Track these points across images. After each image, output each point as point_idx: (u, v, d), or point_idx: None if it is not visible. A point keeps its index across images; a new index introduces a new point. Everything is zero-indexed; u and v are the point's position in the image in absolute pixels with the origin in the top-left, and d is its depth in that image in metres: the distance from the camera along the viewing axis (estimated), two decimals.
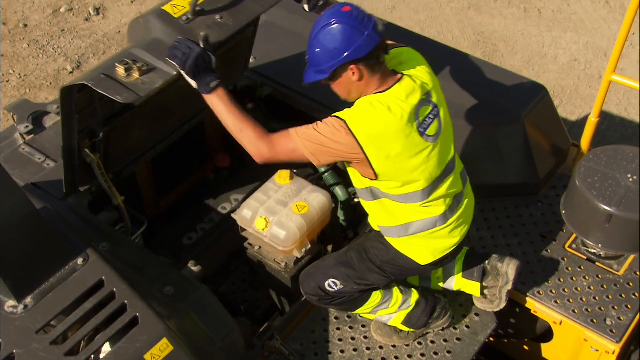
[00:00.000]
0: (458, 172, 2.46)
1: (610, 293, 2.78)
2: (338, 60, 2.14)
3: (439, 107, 2.29)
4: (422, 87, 2.24)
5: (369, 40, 2.11)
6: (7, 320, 2.12)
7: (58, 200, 2.65)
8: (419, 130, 2.20)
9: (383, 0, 6.06)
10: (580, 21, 5.76)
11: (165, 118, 2.97)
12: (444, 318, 2.67)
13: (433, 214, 2.37)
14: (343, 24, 2.12)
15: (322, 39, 2.15)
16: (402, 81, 2.22)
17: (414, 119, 2.19)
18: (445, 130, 2.32)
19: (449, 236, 2.44)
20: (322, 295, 2.54)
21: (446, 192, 2.37)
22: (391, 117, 2.15)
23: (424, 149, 2.24)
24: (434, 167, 2.28)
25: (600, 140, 4.48)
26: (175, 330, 2.18)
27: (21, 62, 5.52)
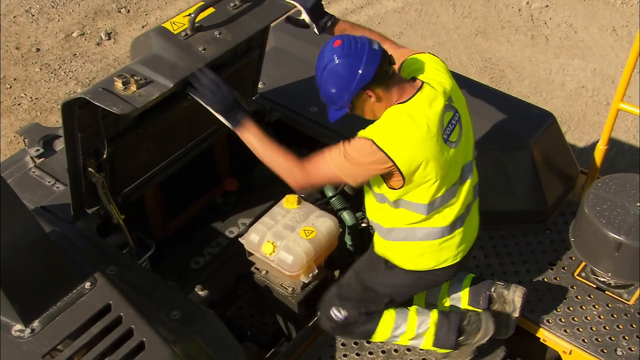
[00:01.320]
0: (475, 180, 2.44)
1: (620, 322, 2.75)
2: (350, 93, 2.17)
3: (459, 113, 2.29)
4: (444, 92, 2.25)
5: (370, 64, 2.14)
6: (14, 344, 2.12)
7: (67, 224, 2.67)
8: (443, 137, 2.21)
9: (391, 26, 6.13)
10: (587, 48, 5.79)
11: (172, 140, 3.00)
12: (479, 333, 2.56)
13: (442, 222, 2.35)
14: (341, 59, 2.15)
15: (329, 80, 2.19)
16: (423, 89, 2.22)
17: (439, 126, 2.19)
18: (465, 135, 2.33)
19: (454, 249, 2.41)
20: (334, 326, 2.57)
21: (460, 199, 2.35)
22: (415, 126, 2.16)
23: (447, 154, 2.23)
24: (453, 172, 2.29)
25: (609, 167, 4.47)
26: (181, 355, 2.17)
27: (33, 85, 5.60)
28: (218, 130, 3.22)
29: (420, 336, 2.60)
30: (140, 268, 2.60)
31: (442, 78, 2.29)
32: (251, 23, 2.49)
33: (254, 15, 2.51)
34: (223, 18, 2.45)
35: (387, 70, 2.18)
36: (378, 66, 2.14)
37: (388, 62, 2.19)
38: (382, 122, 2.19)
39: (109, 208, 2.71)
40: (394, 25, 6.14)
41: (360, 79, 2.14)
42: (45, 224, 2.46)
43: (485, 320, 2.55)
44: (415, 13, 6.30)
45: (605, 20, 6.09)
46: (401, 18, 6.24)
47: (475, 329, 2.56)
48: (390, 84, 2.20)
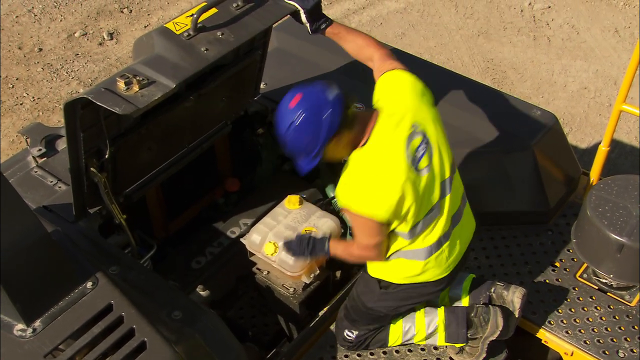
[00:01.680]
0: (457, 191, 2.42)
1: (622, 324, 2.74)
2: (320, 144, 2.18)
3: (427, 135, 2.27)
4: (407, 118, 2.23)
5: (334, 113, 2.15)
6: (16, 343, 2.12)
7: (69, 223, 2.67)
8: (413, 167, 2.21)
9: (392, 27, 6.13)
10: (589, 49, 5.79)
11: (174, 141, 3.00)
12: (487, 327, 2.57)
13: (429, 242, 2.36)
14: (304, 114, 2.14)
15: (297, 137, 2.19)
16: (382, 122, 2.22)
17: (407, 159, 2.20)
18: (438, 155, 2.30)
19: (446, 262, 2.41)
20: (350, 344, 2.66)
21: (442, 215, 2.35)
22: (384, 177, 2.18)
23: (420, 184, 2.24)
24: (430, 196, 2.29)
25: (611, 169, 4.46)
26: (182, 356, 2.17)
27: (35, 85, 5.61)
28: (220, 130, 3.22)
29: (432, 335, 2.64)
30: (142, 268, 2.60)
31: (408, 99, 2.29)
32: (254, 24, 2.49)
33: (256, 16, 2.51)
34: (225, 19, 2.45)
35: (351, 114, 2.20)
36: (341, 113, 2.16)
37: (350, 107, 2.21)
38: (356, 187, 2.21)
39: (111, 208, 2.71)
40: (396, 26, 6.14)
41: (329, 130, 2.15)
42: (47, 224, 2.46)
43: (494, 313, 2.56)
44: (417, 14, 6.30)
45: (607, 22, 6.08)
46: (403, 19, 6.24)
47: (483, 321, 2.57)
48: (353, 124, 2.21)
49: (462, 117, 3.19)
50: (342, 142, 2.23)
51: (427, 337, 2.65)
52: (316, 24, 2.55)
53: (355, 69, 3.46)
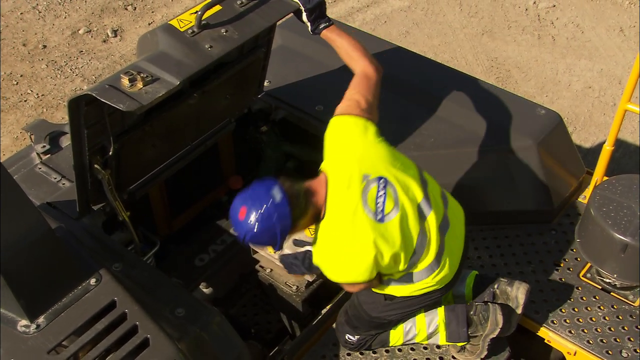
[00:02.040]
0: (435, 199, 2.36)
1: (625, 324, 2.74)
2: (279, 240, 2.18)
3: (382, 176, 2.21)
4: (353, 175, 2.20)
5: (283, 217, 2.12)
6: (20, 339, 2.12)
7: (72, 220, 2.67)
8: (378, 219, 2.18)
9: (397, 25, 6.12)
10: (594, 48, 5.77)
11: (178, 138, 3.00)
12: (487, 325, 2.56)
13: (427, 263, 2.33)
14: (256, 224, 2.12)
15: (256, 242, 2.25)
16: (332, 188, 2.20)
17: (369, 216, 2.17)
18: (403, 189, 2.24)
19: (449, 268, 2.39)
20: (352, 346, 2.67)
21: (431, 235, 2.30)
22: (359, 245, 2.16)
23: (393, 230, 2.20)
24: (409, 231, 2.25)
25: (615, 168, 4.45)
26: (185, 353, 2.17)
27: (39, 82, 5.62)
28: (223, 128, 3.22)
29: (433, 335, 2.64)
30: (145, 265, 2.60)
31: (351, 152, 2.24)
32: (258, 21, 2.49)
33: (260, 13, 2.51)
34: (230, 16, 2.45)
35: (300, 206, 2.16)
36: (290, 213, 2.13)
37: (296, 199, 2.15)
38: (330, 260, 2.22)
39: (115, 205, 2.71)
40: (400, 24, 6.13)
41: (283, 229, 2.15)
42: (51, 220, 2.47)
43: (493, 311, 2.56)
44: (421, 12, 6.29)
45: (612, 21, 6.06)
46: (407, 17, 6.23)
47: (483, 319, 2.57)
48: (307, 207, 2.19)
49: (465, 116, 3.18)
50: (303, 224, 2.23)
51: (429, 336, 2.65)
52: (317, 24, 2.56)
53: None
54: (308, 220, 2.24)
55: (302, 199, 2.18)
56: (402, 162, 2.32)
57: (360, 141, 2.27)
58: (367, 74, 2.45)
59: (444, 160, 3.06)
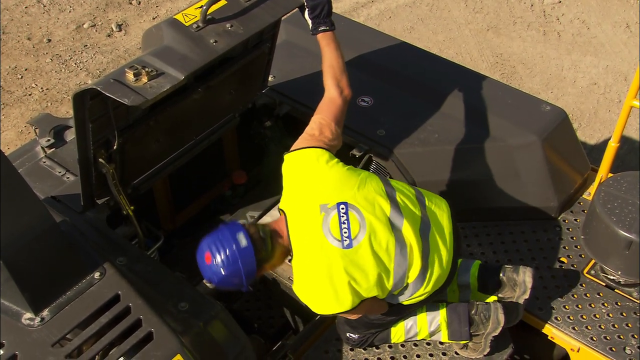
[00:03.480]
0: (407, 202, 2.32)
1: (629, 321, 2.73)
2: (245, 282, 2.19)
3: (343, 201, 2.20)
4: (311, 208, 2.20)
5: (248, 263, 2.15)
6: (24, 332, 2.13)
7: (77, 214, 2.68)
8: (346, 247, 2.17)
9: (402, 20, 6.10)
10: (600, 45, 5.75)
11: (182, 133, 3.00)
12: (489, 324, 2.55)
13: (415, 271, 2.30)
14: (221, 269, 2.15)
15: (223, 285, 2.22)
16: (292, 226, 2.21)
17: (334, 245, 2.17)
18: (363, 206, 2.22)
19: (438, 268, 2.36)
20: (353, 343, 2.67)
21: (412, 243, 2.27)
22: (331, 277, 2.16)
23: (364, 253, 2.19)
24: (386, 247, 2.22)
25: (620, 165, 4.44)
26: (188, 346, 2.18)
27: (44, 76, 5.62)
28: (227, 122, 3.22)
29: (435, 333, 2.64)
30: (149, 259, 2.61)
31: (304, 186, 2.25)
32: (263, 16, 2.49)
33: (265, 8, 2.51)
34: (235, 11, 2.44)
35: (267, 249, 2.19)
36: (255, 258, 2.15)
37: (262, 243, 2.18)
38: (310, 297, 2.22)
39: (119, 199, 2.72)
40: (405, 20, 6.12)
41: (247, 277, 2.17)
42: (56, 214, 2.47)
43: (494, 310, 2.55)
44: (426, 7, 6.27)
45: (618, 17, 6.03)
46: (412, 12, 6.21)
47: (484, 318, 2.56)
48: (273, 252, 2.22)
49: (470, 112, 3.17)
50: (272, 265, 2.28)
51: (430, 335, 2.65)
52: (317, 24, 2.51)
53: (363, 62, 3.46)
54: (277, 261, 2.28)
55: (268, 243, 2.20)
56: (361, 179, 2.28)
57: (313, 173, 2.26)
58: (332, 97, 2.44)
59: (449, 156, 3.05)
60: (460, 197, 2.86)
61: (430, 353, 2.68)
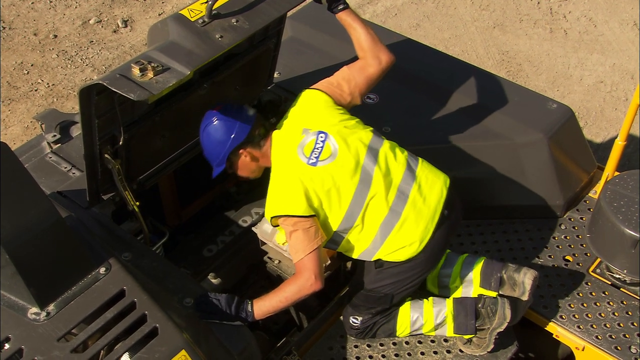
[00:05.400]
0: (392, 160, 2.47)
1: (635, 320, 2.72)
2: (225, 150, 2.49)
3: (324, 131, 2.46)
4: (294, 128, 2.49)
5: (243, 128, 2.46)
6: (30, 326, 2.14)
7: (82, 209, 2.69)
8: (311, 164, 2.40)
9: (407, 17, 6.09)
10: (607, 43, 5.72)
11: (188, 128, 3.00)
12: (495, 318, 2.56)
13: (380, 215, 2.41)
14: (218, 121, 2.48)
15: (206, 139, 2.52)
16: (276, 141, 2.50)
17: (299, 157, 2.41)
18: (342, 142, 2.44)
19: (416, 225, 2.43)
20: (357, 332, 2.68)
21: (378, 189, 2.41)
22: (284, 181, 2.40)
23: (324, 173, 2.39)
24: (346, 179, 2.40)
25: (626, 163, 4.42)
26: (193, 342, 2.18)
27: (50, 71, 5.64)
28: None
29: (440, 326, 2.64)
30: (154, 255, 2.61)
31: (301, 112, 2.53)
32: (268, 11, 2.48)
33: (271, 3, 2.50)
34: (240, 6, 2.44)
35: (259, 135, 2.49)
36: (250, 130, 2.47)
37: (262, 127, 2.51)
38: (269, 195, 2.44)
39: (124, 194, 2.72)
40: (411, 17, 6.10)
41: (234, 140, 2.46)
42: (62, 209, 2.48)
43: (501, 305, 2.55)
44: (432, 4, 6.25)
45: (626, 14, 6.00)
46: (418, 9, 6.20)
47: (490, 312, 2.56)
48: (263, 145, 2.51)
49: (476, 110, 3.17)
50: (249, 158, 2.52)
51: (436, 327, 2.65)
52: (335, 3, 2.61)
53: None
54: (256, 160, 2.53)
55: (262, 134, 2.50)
56: (353, 124, 2.52)
57: (309, 105, 2.54)
58: (365, 65, 2.61)
59: (454, 154, 3.05)
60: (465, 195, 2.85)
61: (435, 350, 2.68)
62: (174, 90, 2.31)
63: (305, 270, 2.36)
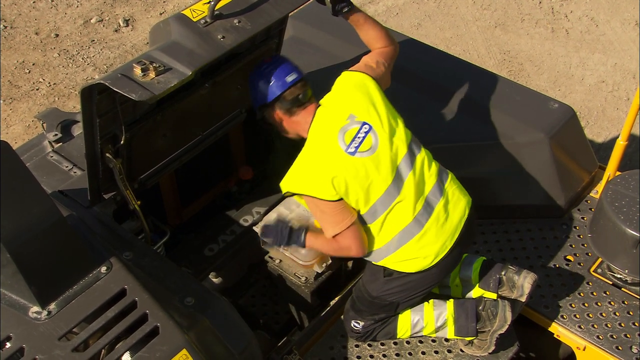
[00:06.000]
0: (425, 170, 2.47)
1: (636, 320, 2.72)
2: (256, 102, 2.55)
3: (369, 123, 2.42)
4: (342, 112, 2.43)
5: (273, 89, 2.47)
6: (31, 325, 2.14)
7: (84, 208, 2.69)
8: (349, 153, 2.37)
9: (409, 17, 6.08)
10: (608, 42, 5.71)
11: (189, 128, 3.01)
12: (496, 321, 2.56)
13: (402, 223, 2.40)
14: (258, 73, 2.52)
15: (249, 84, 2.57)
16: (319, 116, 2.45)
17: (339, 144, 2.38)
18: (387, 139, 2.42)
19: (435, 240, 2.42)
20: (358, 335, 2.68)
21: (406, 196, 2.39)
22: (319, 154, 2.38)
23: (359, 164, 2.36)
24: (379, 176, 2.38)
25: (627, 163, 4.42)
26: (194, 341, 2.18)
27: (51, 71, 5.64)
28: (234, 118, 3.22)
29: (441, 328, 2.64)
30: (156, 254, 2.61)
31: (349, 96, 2.48)
32: (271, 11, 2.48)
33: (273, 3, 2.50)
34: (242, 6, 2.44)
35: (291, 101, 2.47)
36: (280, 94, 2.46)
37: (295, 96, 2.47)
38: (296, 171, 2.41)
39: (125, 194, 2.72)
40: (412, 16, 6.10)
41: (260, 96, 2.50)
42: (63, 208, 2.48)
43: (502, 307, 2.55)
44: (434, 4, 6.25)
45: (627, 14, 5.99)
46: (419, 9, 6.19)
47: (491, 315, 2.56)
48: (294, 112, 2.49)
49: (478, 109, 3.16)
50: (278, 119, 2.53)
51: (436, 330, 2.65)
52: (339, 5, 2.60)
53: None
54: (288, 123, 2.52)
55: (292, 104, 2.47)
56: (398, 121, 2.49)
57: (361, 92, 2.48)
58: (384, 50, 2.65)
59: (456, 153, 3.04)
60: None
61: (436, 350, 2.68)
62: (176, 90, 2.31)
63: (344, 241, 2.38)
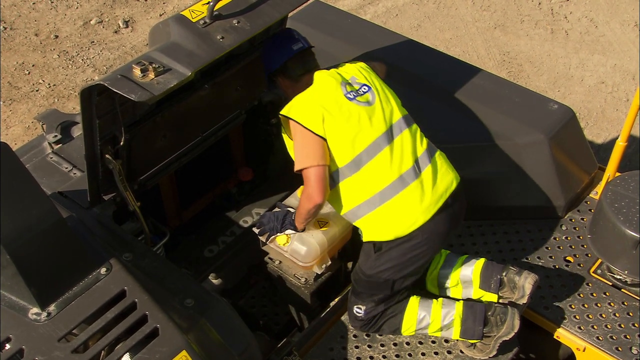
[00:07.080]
0: (416, 140, 2.54)
1: (636, 321, 2.72)
2: (267, 72, 2.67)
3: (369, 86, 2.54)
4: (344, 74, 2.56)
5: (277, 57, 2.60)
6: (31, 327, 2.14)
7: (83, 210, 2.69)
8: (347, 97, 2.47)
9: (408, 18, 6.09)
10: (608, 43, 5.72)
11: (188, 129, 3.01)
12: (503, 327, 2.56)
13: (387, 177, 2.43)
14: (267, 45, 2.67)
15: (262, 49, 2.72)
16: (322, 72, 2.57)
17: (340, 88, 2.49)
18: (384, 99, 2.52)
19: (419, 202, 2.43)
20: (361, 323, 2.67)
21: (394, 152, 2.45)
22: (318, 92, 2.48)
23: (352, 109, 2.44)
24: (370, 127, 2.44)
25: (627, 164, 4.42)
26: (194, 343, 2.18)
27: (51, 72, 5.64)
28: (234, 119, 3.22)
29: (447, 328, 2.63)
30: (155, 255, 2.61)
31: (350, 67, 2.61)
32: (270, 12, 2.48)
33: (272, 4, 2.51)
34: (242, 7, 2.44)
35: (295, 69, 2.58)
36: (284, 62, 2.58)
37: (299, 63, 2.58)
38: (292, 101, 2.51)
39: (125, 195, 2.72)
40: (412, 17, 6.10)
41: (269, 64, 2.64)
42: (62, 210, 2.48)
43: (511, 314, 2.55)
44: (433, 5, 6.26)
45: (627, 15, 6.00)
46: (419, 10, 6.20)
47: (500, 321, 2.56)
48: (299, 79, 2.59)
49: (478, 110, 3.16)
50: (284, 85, 2.63)
51: (442, 328, 2.64)
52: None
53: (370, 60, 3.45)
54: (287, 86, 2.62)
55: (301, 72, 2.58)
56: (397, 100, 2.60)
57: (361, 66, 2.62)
58: None
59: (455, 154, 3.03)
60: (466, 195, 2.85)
61: (436, 351, 2.68)
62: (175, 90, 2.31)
63: (308, 182, 2.43)
